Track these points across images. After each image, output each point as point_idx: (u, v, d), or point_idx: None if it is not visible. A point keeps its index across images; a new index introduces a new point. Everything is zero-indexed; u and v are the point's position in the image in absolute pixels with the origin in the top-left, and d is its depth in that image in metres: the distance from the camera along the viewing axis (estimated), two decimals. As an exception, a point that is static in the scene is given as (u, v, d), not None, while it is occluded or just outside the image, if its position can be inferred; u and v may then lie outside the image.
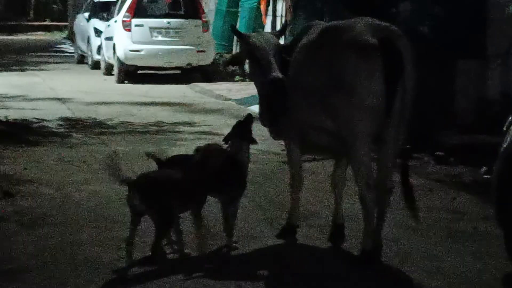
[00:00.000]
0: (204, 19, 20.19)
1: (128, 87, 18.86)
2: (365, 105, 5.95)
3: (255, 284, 5.78)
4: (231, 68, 21.01)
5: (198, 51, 19.74)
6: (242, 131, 6.50)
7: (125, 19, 19.69)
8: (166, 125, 12.95)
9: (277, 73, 6.46)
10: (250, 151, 6.59)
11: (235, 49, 19.66)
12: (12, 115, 13.35)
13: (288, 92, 6.48)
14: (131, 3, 19.82)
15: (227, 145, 6.54)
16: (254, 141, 6.51)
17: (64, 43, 34.21)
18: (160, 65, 19.96)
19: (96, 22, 22.76)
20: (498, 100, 11.14)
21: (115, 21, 20.19)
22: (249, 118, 6.57)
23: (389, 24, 6.20)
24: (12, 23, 41.32)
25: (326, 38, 6.26)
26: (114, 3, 21.74)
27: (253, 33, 6.99)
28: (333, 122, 6.16)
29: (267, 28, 18.77)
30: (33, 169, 9.33)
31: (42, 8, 47.07)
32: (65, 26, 38.66)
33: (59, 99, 16.20)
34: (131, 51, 19.38)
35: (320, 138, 6.42)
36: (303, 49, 6.46)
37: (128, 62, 19.46)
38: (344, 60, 6.02)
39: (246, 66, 7.25)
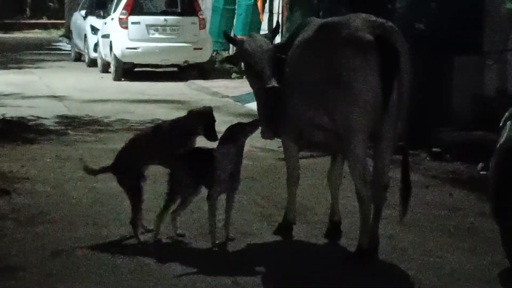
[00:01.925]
0: (201, 17, 20.19)
1: (125, 84, 18.86)
2: (361, 101, 5.96)
3: (251, 280, 5.79)
4: (227, 65, 21.04)
5: (195, 49, 19.73)
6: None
7: (121, 16, 19.68)
8: (163, 123, 12.94)
9: (271, 82, 6.46)
10: (248, 148, 6.60)
11: (232, 47, 19.65)
12: (9, 113, 13.36)
13: (285, 90, 6.49)
14: (128, 0, 19.81)
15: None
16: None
17: (60, 41, 34.18)
18: (157, 63, 19.97)
19: (93, 20, 22.74)
20: (494, 96, 11.16)
21: (112, 19, 20.19)
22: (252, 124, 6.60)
23: (385, 20, 6.20)
24: (9, 21, 41.27)
25: (323, 34, 6.27)
26: (111, 1, 21.72)
27: (247, 38, 6.92)
28: (330, 119, 6.17)
29: (264, 25, 18.77)
30: (30, 167, 9.33)
31: (39, 6, 47.00)
32: (62, 24, 38.63)
33: (55, 96, 16.21)
34: (128, 48, 19.37)
35: (317, 134, 6.43)
36: (300, 46, 6.46)
37: (125, 60, 19.46)
38: (341, 56, 6.03)
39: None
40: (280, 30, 7.96)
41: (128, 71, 19.70)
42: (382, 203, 6.27)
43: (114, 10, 20.38)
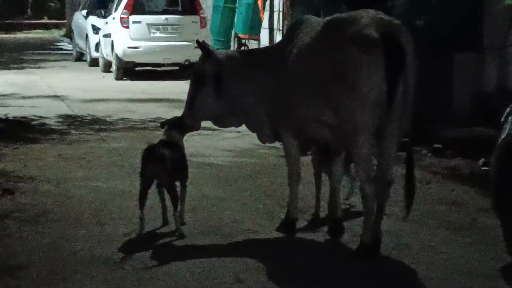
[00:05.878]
0: (202, 15, 20.21)
1: (126, 84, 18.88)
2: (367, 99, 5.96)
3: (255, 277, 5.81)
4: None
5: (196, 47, 19.68)
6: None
7: (123, 16, 19.69)
8: (165, 121, 12.96)
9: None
10: (250, 145, 6.63)
11: (233, 45, 19.66)
12: (11, 112, 13.40)
13: (288, 86, 6.51)
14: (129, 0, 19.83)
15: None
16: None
17: (62, 41, 34.19)
18: (159, 62, 19.98)
19: (94, 19, 22.75)
20: (494, 92, 11.16)
21: (113, 18, 20.20)
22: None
23: (393, 18, 6.22)
24: (10, 21, 41.28)
25: (330, 31, 6.26)
26: (112, 0, 21.74)
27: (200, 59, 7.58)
28: (334, 116, 6.17)
29: (265, 23, 18.78)
30: (33, 166, 9.36)
31: (40, 6, 47.01)
32: (63, 24, 38.61)
33: (57, 96, 16.23)
34: (129, 48, 19.39)
35: (320, 132, 6.42)
36: (305, 42, 6.45)
37: (127, 59, 19.47)
38: (347, 53, 6.03)
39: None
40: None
41: (129, 70, 19.72)
42: (386, 199, 6.29)
43: (115, 10, 20.39)
